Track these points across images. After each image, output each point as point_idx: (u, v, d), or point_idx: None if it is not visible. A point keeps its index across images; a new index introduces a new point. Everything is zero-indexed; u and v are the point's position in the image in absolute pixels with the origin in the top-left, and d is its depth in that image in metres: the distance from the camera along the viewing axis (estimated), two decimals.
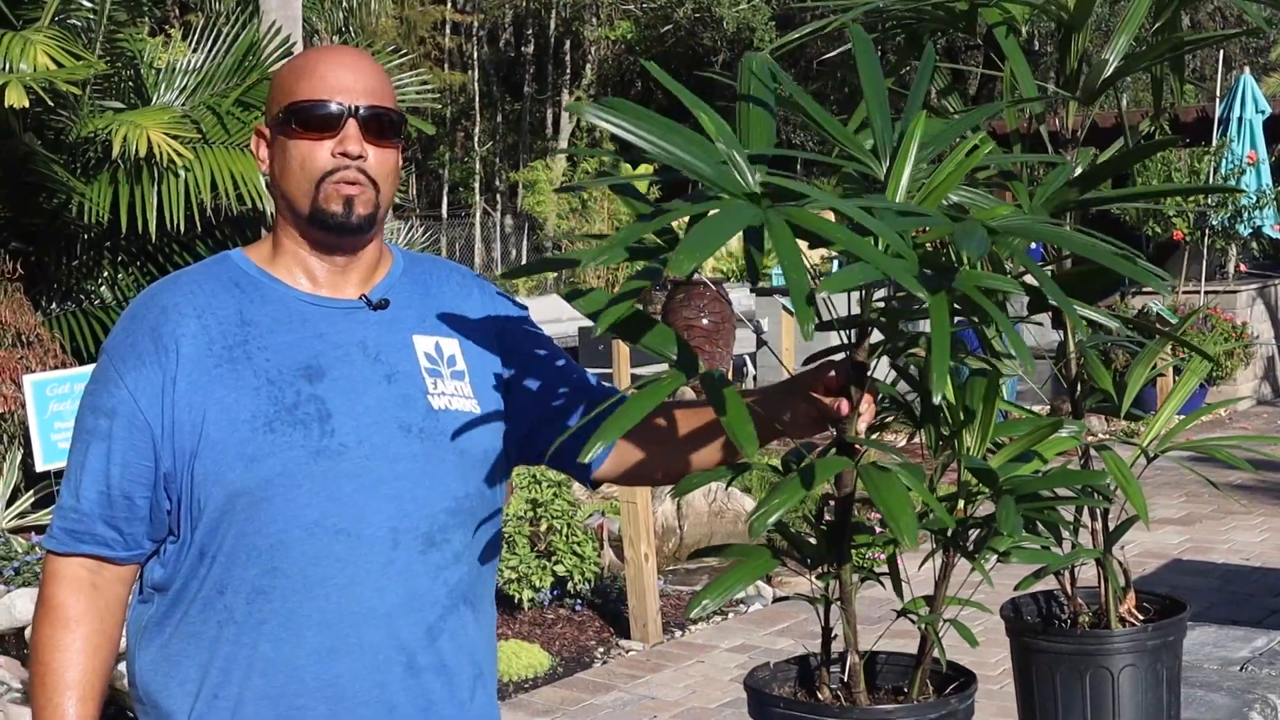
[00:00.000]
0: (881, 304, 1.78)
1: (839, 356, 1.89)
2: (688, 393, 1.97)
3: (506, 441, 2.06)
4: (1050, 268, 2.14)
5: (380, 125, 1.94)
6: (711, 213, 1.51)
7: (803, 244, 1.54)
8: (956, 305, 1.61)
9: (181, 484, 1.89)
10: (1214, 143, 13.52)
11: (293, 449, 1.87)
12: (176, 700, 1.93)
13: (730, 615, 6.70)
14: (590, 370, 2.23)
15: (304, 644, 1.89)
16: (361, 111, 1.92)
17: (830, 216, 1.58)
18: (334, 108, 1.92)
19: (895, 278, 1.47)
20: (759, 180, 1.64)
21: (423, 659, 1.95)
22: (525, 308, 2.18)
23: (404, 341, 2.00)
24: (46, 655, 1.91)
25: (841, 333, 1.82)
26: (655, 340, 1.79)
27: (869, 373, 1.82)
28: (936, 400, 1.55)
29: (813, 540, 1.90)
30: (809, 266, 1.51)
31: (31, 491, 7.53)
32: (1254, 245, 14.51)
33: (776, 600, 6.87)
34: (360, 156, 1.92)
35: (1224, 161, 13.41)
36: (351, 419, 1.91)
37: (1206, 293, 13.18)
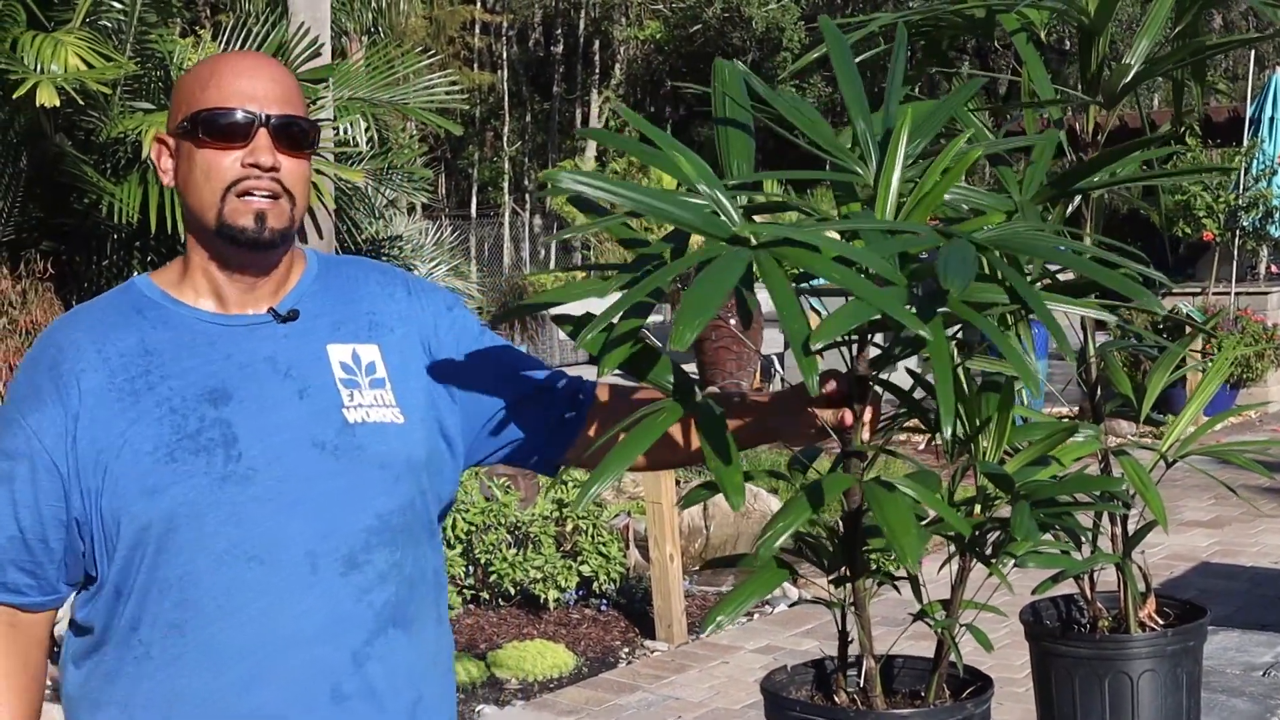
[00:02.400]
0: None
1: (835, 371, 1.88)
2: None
3: (447, 445, 1.98)
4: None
5: (292, 135, 1.86)
6: (704, 268, 1.49)
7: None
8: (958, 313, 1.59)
9: (92, 523, 1.83)
10: (1245, 143, 13.44)
11: (194, 477, 1.79)
12: None
13: (755, 616, 6.71)
14: (615, 370, 2.19)
15: (224, 675, 1.81)
16: (273, 120, 1.84)
17: (833, 234, 1.57)
18: (242, 116, 1.83)
19: (890, 313, 1.44)
20: (741, 209, 1.62)
21: (348, 685, 1.85)
22: (459, 299, 2.09)
23: (317, 353, 1.91)
24: None
25: (842, 353, 1.81)
26: (658, 373, 1.76)
27: (874, 381, 1.81)
28: (947, 434, 1.53)
29: (829, 545, 1.91)
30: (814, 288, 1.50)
31: None
32: None
33: (801, 601, 6.87)
34: (273, 168, 1.84)
35: (1255, 162, 13.33)
36: (260, 440, 1.83)
37: (1237, 294, 13.11)
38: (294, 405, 1.87)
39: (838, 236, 1.62)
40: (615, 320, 1.62)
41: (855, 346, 1.77)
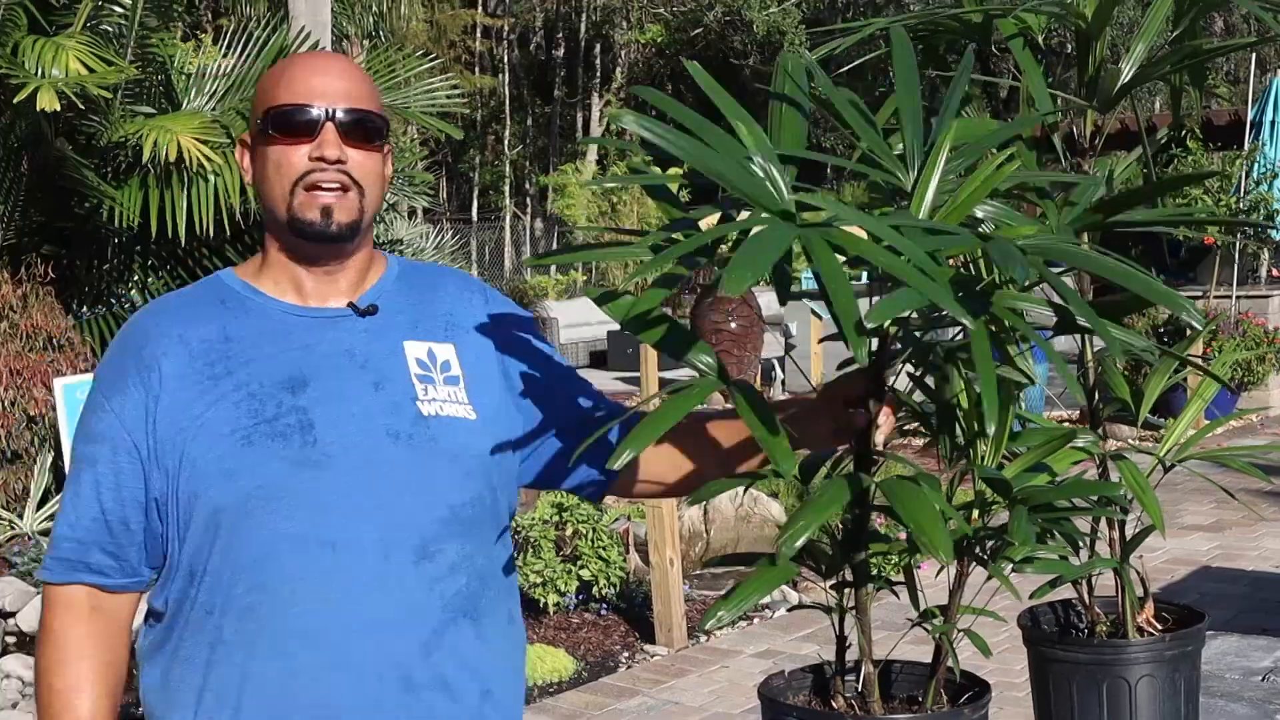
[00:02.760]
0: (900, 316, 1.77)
1: (856, 368, 1.89)
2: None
3: (512, 452, 2.00)
4: (1068, 272, 2.13)
5: (361, 128, 1.91)
6: (753, 231, 1.49)
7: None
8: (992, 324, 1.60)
9: (169, 504, 1.86)
10: (1246, 147, 13.43)
11: (271, 461, 1.83)
12: None
13: (755, 620, 6.70)
14: (617, 374, 2.21)
15: (294, 661, 1.83)
16: (339, 115, 1.89)
17: (859, 232, 1.57)
18: (311, 112, 1.88)
19: (941, 303, 1.44)
20: (790, 189, 1.63)
21: (420, 675, 1.88)
22: (531, 317, 2.13)
23: (393, 348, 1.95)
24: (51, 682, 1.89)
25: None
26: (694, 353, 1.77)
27: (889, 384, 1.82)
28: (990, 429, 1.54)
29: (828, 550, 1.90)
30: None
31: (61, 493, 7.59)
32: None
33: (801, 606, 6.86)
34: (340, 161, 1.88)
35: (1256, 166, 13.32)
36: (336, 428, 1.86)
37: (1238, 297, 13.10)
38: (370, 396, 1.90)
39: (863, 234, 1.63)
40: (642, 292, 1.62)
41: (874, 346, 1.77)
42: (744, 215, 1.64)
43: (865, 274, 1.73)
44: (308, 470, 1.84)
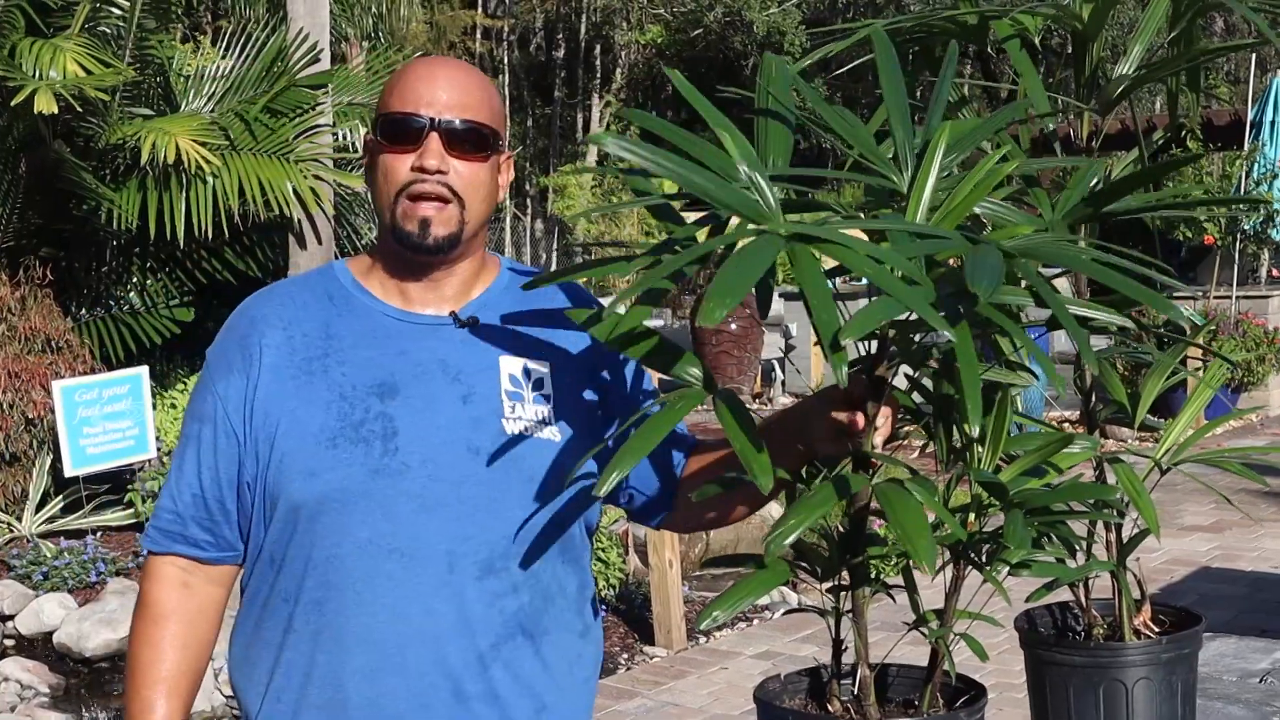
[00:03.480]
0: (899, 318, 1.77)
1: (856, 369, 1.88)
2: None
3: (590, 476, 1.97)
4: (1065, 274, 2.13)
5: (466, 139, 1.91)
6: (737, 247, 1.49)
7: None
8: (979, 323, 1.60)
9: (258, 491, 1.93)
10: (1246, 147, 13.43)
11: (351, 466, 1.87)
12: (251, 696, 1.97)
13: (755, 621, 6.70)
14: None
15: (351, 660, 1.88)
16: (442, 124, 1.89)
17: (859, 234, 1.57)
18: (415, 121, 1.89)
19: (920, 313, 1.44)
20: (777, 199, 1.63)
21: (471, 687, 1.90)
22: None
23: (489, 362, 1.96)
24: (137, 649, 1.96)
25: (859, 346, 1.81)
26: (682, 366, 1.77)
27: (887, 385, 1.81)
28: (974, 432, 1.54)
29: (825, 553, 1.90)
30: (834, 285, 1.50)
31: (61, 496, 7.59)
32: None
33: (796, 610, 6.85)
34: (440, 171, 1.89)
35: (1256, 166, 13.32)
36: (419, 438, 1.89)
37: (1238, 297, 13.10)
38: (456, 408, 1.92)
39: (864, 236, 1.63)
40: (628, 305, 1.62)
41: (873, 349, 1.77)
42: (735, 223, 1.64)
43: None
44: (385, 478, 1.87)
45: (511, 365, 1.96)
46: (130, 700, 1.95)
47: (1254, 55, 15.22)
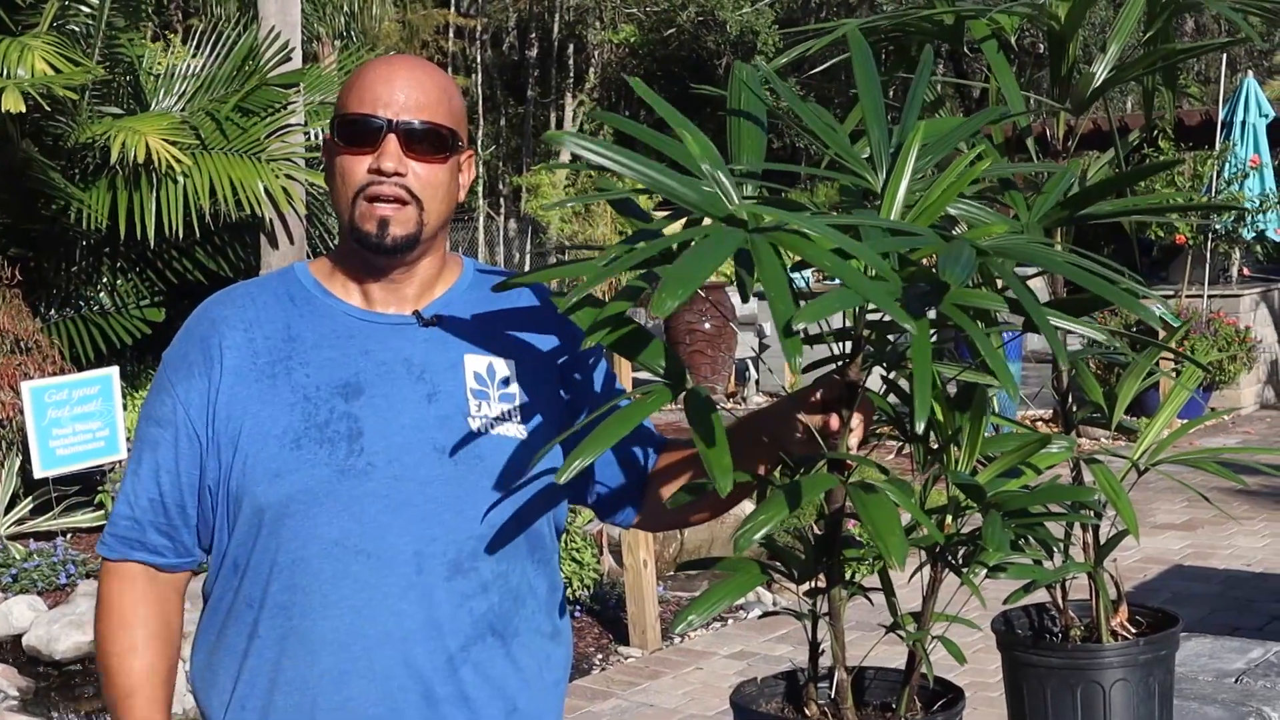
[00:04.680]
0: (873, 319, 1.76)
1: (830, 369, 1.87)
2: None
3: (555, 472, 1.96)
4: (1041, 275, 2.12)
5: (423, 141, 1.89)
6: (696, 241, 1.49)
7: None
8: (945, 322, 1.60)
9: (220, 495, 1.90)
10: (1217, 146, 13.49)
11: (316, 467, 1.85)
12: (214, 706, 1.94)
13: (730, 621, 6.69)
14: None
15: (319, 664, 1.87)
16: (400, 125, 1.87)
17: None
18: (372, 122, 1.87)
19: (877, 303, 1.45)
20: (745, 198, 1.63)
21: (441, 689, 1.89)
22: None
23: (453, 360, 1.94)
24: (113, 655, 1.93)
25: (834, 347, 1.80)
26: (649, 355, 1.76)
27: (861, 387, 1.80)
28: (920, 428, 1.54)
29: (801, 555, 1.88)
30: (808, 278, 1.50)
31: (30, 498, 7.53)
32: (1257, 249, 14.48)
33: (773, 612, 6.85)
34: (398, 173, 1.87)
35: (1227, 165, 13.38)
36: (384, 438, 1.88)
37: (1210, 297, 13.15)
38: (421, 408, 1.91)
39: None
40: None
41: (847, 350, 1.76)
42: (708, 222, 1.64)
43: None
44: (351, 478, 1.86)
45: (476, 363, 1.95)
46: (115, 706, 1.92)
47: (1224, 55, 15.30)
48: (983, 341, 1.54)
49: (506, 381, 1.96)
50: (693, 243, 1.51)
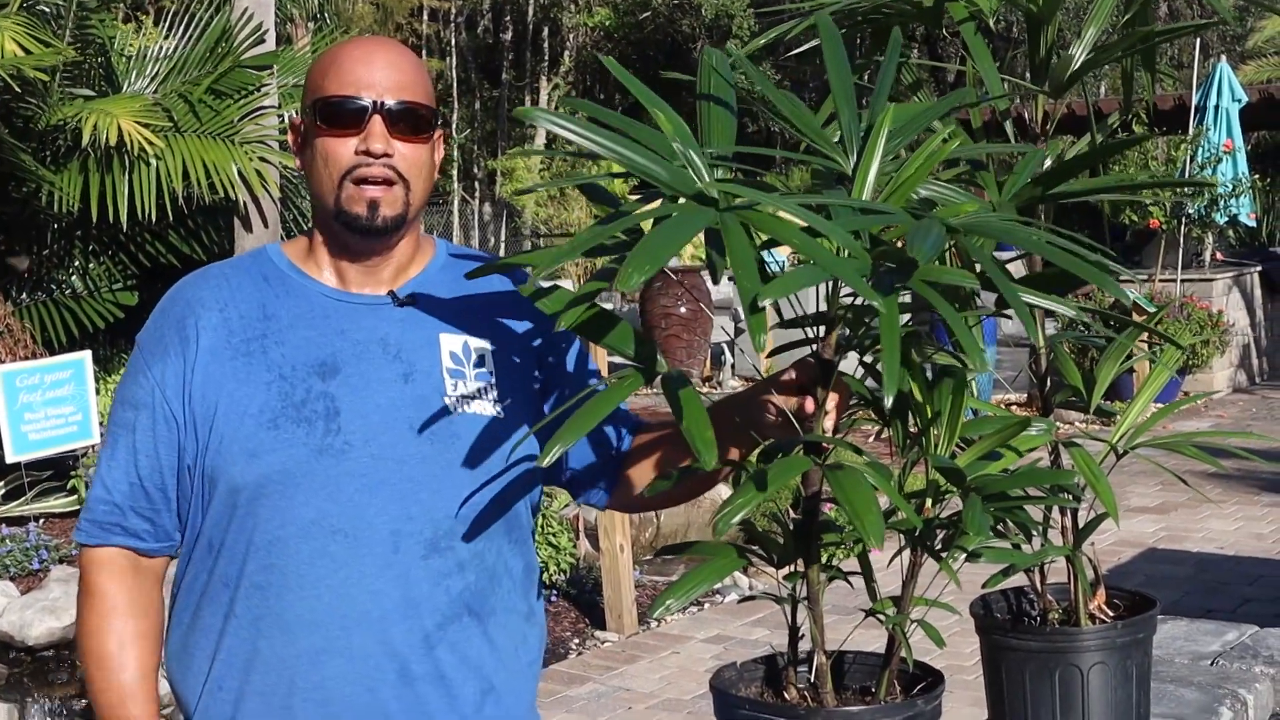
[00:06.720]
0: (848, 301, 1.76)
1: (805, 351, 1.87)
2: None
3: (538, 450, 1.94)
4: (1020, 259, 2.12)
5: (408, 120, 1.90)
6: (665, 219, 1.50)
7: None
8: (917, 301, 1.60)
9: (195, 474, 1.90)
10: (1190, 131, 13.53)
11: (294, 446, 1.85)
12: (189, 688, 1.93)
13: (706, 606, 6.69)
14: None
15: (295, 644, 1.86)
16: (387, 107, 1.88)
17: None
18: (358, 104, 1.87)
19: (844, 279, 1.46)
20: (716, 180, 1.63)
21: (417, 668, 1.89)
22: None
23: (428, 339, 1.95)
24: (96, 643, 1.92)
25: (808, 329, 1.80)
26: (616, 339, 1.76)
27: (837, 369, 1.80)
28: (889, 402, 1.53)
29: (780, 539, 1.88)
30: (784, 262, 1.49)
31: (2, 483, 7.48)
32: (1230, 234, 14.55)
33: (751, 597, 6.85)
34: (386, 154, 1.88)
35: (1200, 150, 13.42)
36: (361, 417, 1.88)
37: (1183, 281, 13.21)
38: (398, 387, 1.91)
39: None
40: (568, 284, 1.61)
41: (821, 332, 1.76)
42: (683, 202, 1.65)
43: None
44: (327, 458, 1.86)
45: (452, 343, 1.96)
46: (101, 691, 1.91)
47: (1198, 40, 15.34)
48: (951, 316, 1.53)
49: (482, 360, 1.96)
50: (659, 222, 1.51)
